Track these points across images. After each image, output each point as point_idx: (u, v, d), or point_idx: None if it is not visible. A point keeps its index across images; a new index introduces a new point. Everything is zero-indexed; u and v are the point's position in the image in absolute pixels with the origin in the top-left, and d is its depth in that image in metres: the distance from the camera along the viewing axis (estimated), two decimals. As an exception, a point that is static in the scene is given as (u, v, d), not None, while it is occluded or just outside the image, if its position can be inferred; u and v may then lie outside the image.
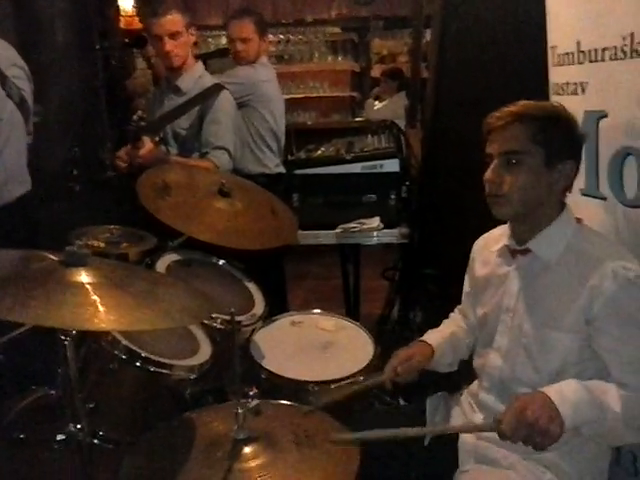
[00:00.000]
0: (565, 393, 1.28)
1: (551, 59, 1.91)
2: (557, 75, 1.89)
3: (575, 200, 1.76)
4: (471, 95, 2.48)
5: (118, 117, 3.51)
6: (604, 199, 1.67)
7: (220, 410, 1.38)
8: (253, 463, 1.18)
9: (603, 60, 1.63)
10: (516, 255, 1.52)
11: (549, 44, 1.92)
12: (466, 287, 1.75)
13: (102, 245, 2.03)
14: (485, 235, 1.69)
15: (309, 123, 5.72)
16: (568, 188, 1.47)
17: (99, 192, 3.08)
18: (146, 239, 2.15)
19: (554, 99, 1.90)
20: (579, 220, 1.50)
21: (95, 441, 1.44)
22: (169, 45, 2.62)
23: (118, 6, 4.98)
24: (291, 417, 1.36)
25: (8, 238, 2.05)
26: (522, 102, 1.44)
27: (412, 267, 2.96)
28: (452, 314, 1.84)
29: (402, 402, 2.24)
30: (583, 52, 1.72)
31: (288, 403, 1.47)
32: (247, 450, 1.21)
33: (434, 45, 2.65)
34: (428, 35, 4.20)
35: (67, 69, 3.41)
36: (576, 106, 1.73)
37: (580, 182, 1.74)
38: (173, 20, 2.61)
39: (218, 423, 1.31)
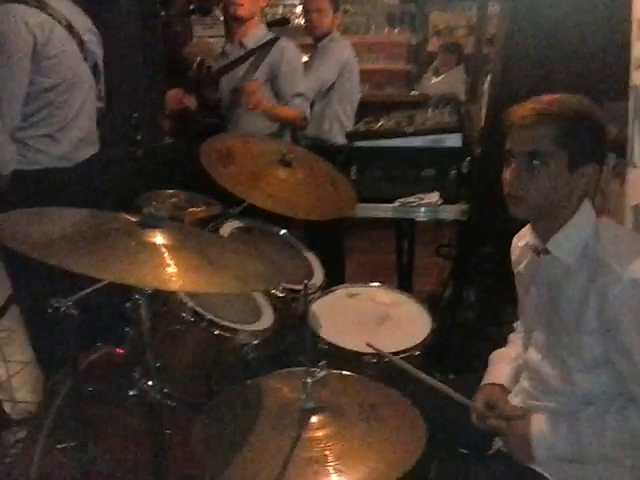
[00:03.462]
0: (547, 437, 1.39)
1: (635, 32, 1.83)
2: (639, 49, 1.80)
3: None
4: (540, 70, 2.39)
5: (176, 84, 3.55)
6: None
7: (288, 377, 1.40)
8: (320, 433, 1.19)
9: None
10: (540, 254, 1.49)
11: (634, 16, 1.83)
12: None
13: (169, 209, 2.07)
14: (520, 232, 1.63)
15: (367, 95, 5.64)
16: (590, 191, 1.41)
17: (161, 157, 3.14)
18: (211, 205, 2.18)
19: (635, 74, 1.83)
20: (600, 215, 1.44)
21: (161, 400, 1.47)
22: None
23: (179, -27, 4.99)
24: (357, 389, 1.36)
25: (75, 198, 2.12)
26: (548, 98, 1.37)
27: (469, 245, 2.90)
28: (515, 324, 1.79)
29: (451, 376, 2.24)
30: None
31: (355, 375, 1.47)
32: (314, 420, 1.22)
33: (503, 19, 2.56)
34: (492, 9, 4.09)
35: (129, 35, 3.45)
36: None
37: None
38: None
39: (286, 391, 1.33)
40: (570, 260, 1.40)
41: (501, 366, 1.67)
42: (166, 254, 1.17)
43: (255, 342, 1.65)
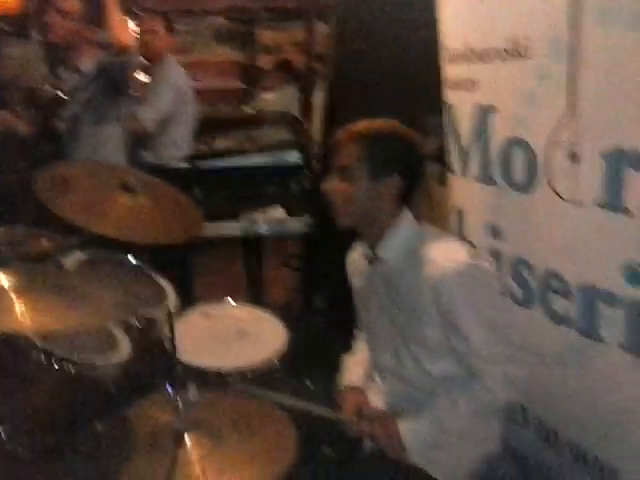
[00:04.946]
0: (411, 424, 1.54)
1: (445, 56, 2.06)
2: (450, 71, 2.04)
3: (470, 185, 1.93)
4: (365, 90, 2.59)
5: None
6: (495, 184, 1.85)
7: (156, 401, 1.38)
8: (196, 452, 1.20)
9: (490, 60, 1.80)
10: (373, 262, 1.66)
11: (441, 42, 2.07)
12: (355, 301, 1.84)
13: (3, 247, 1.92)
14: (354, 246, 1.79)
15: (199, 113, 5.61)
16: (403, 198, 1.59)
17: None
18: (49, 238, 2.06)
19: (448, 93, 2.06)
20: (425, 219, 1.65)
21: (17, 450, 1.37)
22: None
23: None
24: (227, 405, 1.39)
25: None
26: (362, 122, 1.59)
27: (315, 255, 3.04)
28: (357, 333, 1.91)
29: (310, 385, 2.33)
30: (472, 52, 1.87)
31: (224, 393, 1.50)
32: (190, 440, 1.23)
33: (331, 40, 2.73)
34: (319, 27, 4.30)
35: None
36: (468, 100, 1.89)
37: (474, 169, 1.91)
38: None
39: (158, 415, 1.32)
40: (398, 262, 1.57)
41: (355, 370, 1.81)
42: (12, 295, 1.11)
43: (115, 374, 1.60)
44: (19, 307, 1.09)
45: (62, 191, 1.95)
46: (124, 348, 1.70)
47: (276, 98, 5.75)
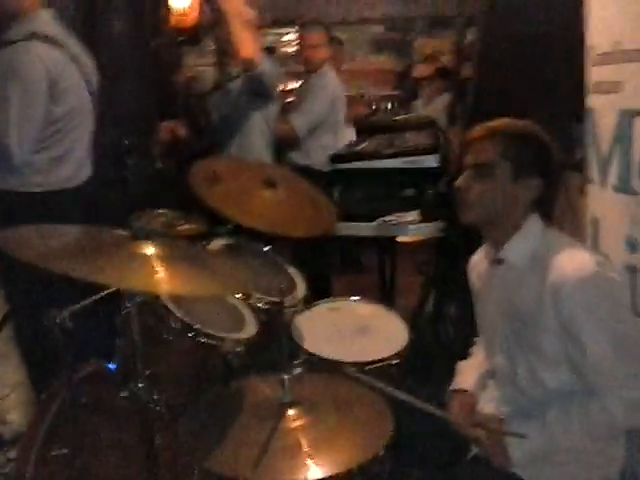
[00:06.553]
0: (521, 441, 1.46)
1: (590, 59, 1.98)
2: (595, 74, 1.95)
3: (608, 196, 1.83)
4: (510, 95, 2.54)
5: (166, 111, 3.69)
6: (636, 194, 1.74)
7: (267, 379, 1.50)
8: (295, 424, 1.30)
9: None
10: (495, 264, 1.61)
11: (588, 44, 1.98)
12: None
13: (158, 227, 2.18)
14: (479, 249, 1.76)
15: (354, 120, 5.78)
16: (536, 202, 1.54)
17: (151, 180, 3.26)
18: (198, 223, 2.29)
19: (591, 98, 1.97)
20: (549, 224, 1.57)
21: (151, 405, 1.56)
22: None
23: (169, 4, 5.17)
24: (332, 387, 1.47)
25: (73, 218, 2.24)
26: (501, 119, 1.55)
27: (447, 261, 3.02)
28: (477, 339, 1.90)
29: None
30: (621, 52, 1.78)
31: (330, 375, 1.58)
32: (291, 412, 1.33)
33: (477, 44, 2.72)
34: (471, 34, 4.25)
35: (121, 63, 3.59)
36: (612, 104, 1.80)
37: (613, 178, 1.81)
38: None
39: (265, 389, 1.44)
40: (522, 265, 1.53)
41: (467, 374, 1.79)
42: (155, 262, 1.28)
43: (239, 350, 1.75)
44: (159, 273, 1.25)
45: (212, 184, 2.16)
46: (250, 328, 1.86)
47: (430, 107, 5.74)
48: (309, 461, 1.19)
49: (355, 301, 2.37)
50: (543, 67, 2.32)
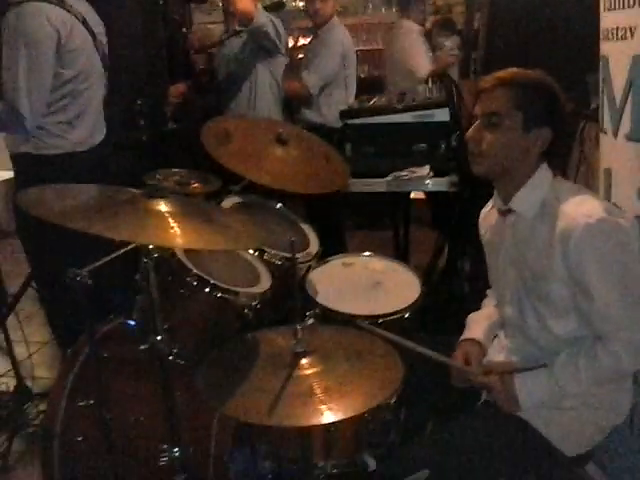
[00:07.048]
0: (529, 386, 1.52)
1: (602, 4, 1.93)
2: (607, 20, 1.91)
3: (620, 145, 1.82)
4: (521, 43, 2.50)
5: (177, 71, 3.68)
6: (650, 143, 1.72)
7: (281, 330, 1.55)
8: (308, 372, 1.35)
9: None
10: (505, 215, 1.62)
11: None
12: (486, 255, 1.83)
13: (172, 185, 2.21)
14: (489, 202, 1.77)
15: (362, 76, 5.72)
16: (545, 152, 1.54)
17: (164, 141, 3.28)
18: (211, 181, 2.32)
19: (604, 46, 1.93)
20: (555, 175, 1.57)
21: (170, 358, 1.62)
22: None
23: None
24: (344, 338, 1.52)
25: (88, 179, 2.27)
26: (511, 69, 1.53)
27: (461, 216, 3.02)
28: (488, 291, 1.93)
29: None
30: (634, -4, 1.74)
31: (342, 327, 1.63)
32: (304, 361, 1.37)
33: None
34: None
35: (130, 25, 3.57)
36: (625, 51, 1.77)
37: (626, 127, 1.80)
38: None
39: (279, 339, 1.49)
40: (532, 215, 1.55)
41: (477, 325, 1.82)
42: (169, 218, 1.32)
43: (255, 304, 1.80)
44: (173, 228, 1.28)
45: (224, 143, 2.18)
46: (265, 282, 1.90)
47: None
48: (322, 406, 1.24)
49: (368, 256, 2.41)
50: (557, 15, 2.27)
